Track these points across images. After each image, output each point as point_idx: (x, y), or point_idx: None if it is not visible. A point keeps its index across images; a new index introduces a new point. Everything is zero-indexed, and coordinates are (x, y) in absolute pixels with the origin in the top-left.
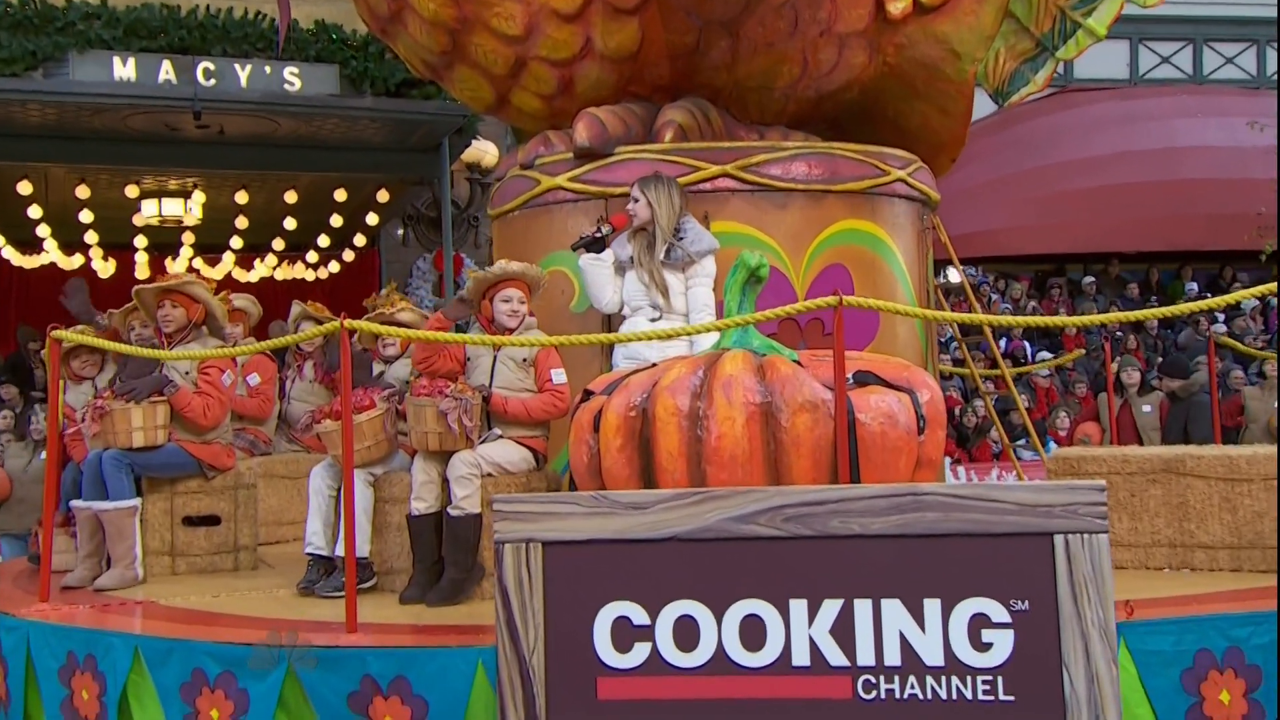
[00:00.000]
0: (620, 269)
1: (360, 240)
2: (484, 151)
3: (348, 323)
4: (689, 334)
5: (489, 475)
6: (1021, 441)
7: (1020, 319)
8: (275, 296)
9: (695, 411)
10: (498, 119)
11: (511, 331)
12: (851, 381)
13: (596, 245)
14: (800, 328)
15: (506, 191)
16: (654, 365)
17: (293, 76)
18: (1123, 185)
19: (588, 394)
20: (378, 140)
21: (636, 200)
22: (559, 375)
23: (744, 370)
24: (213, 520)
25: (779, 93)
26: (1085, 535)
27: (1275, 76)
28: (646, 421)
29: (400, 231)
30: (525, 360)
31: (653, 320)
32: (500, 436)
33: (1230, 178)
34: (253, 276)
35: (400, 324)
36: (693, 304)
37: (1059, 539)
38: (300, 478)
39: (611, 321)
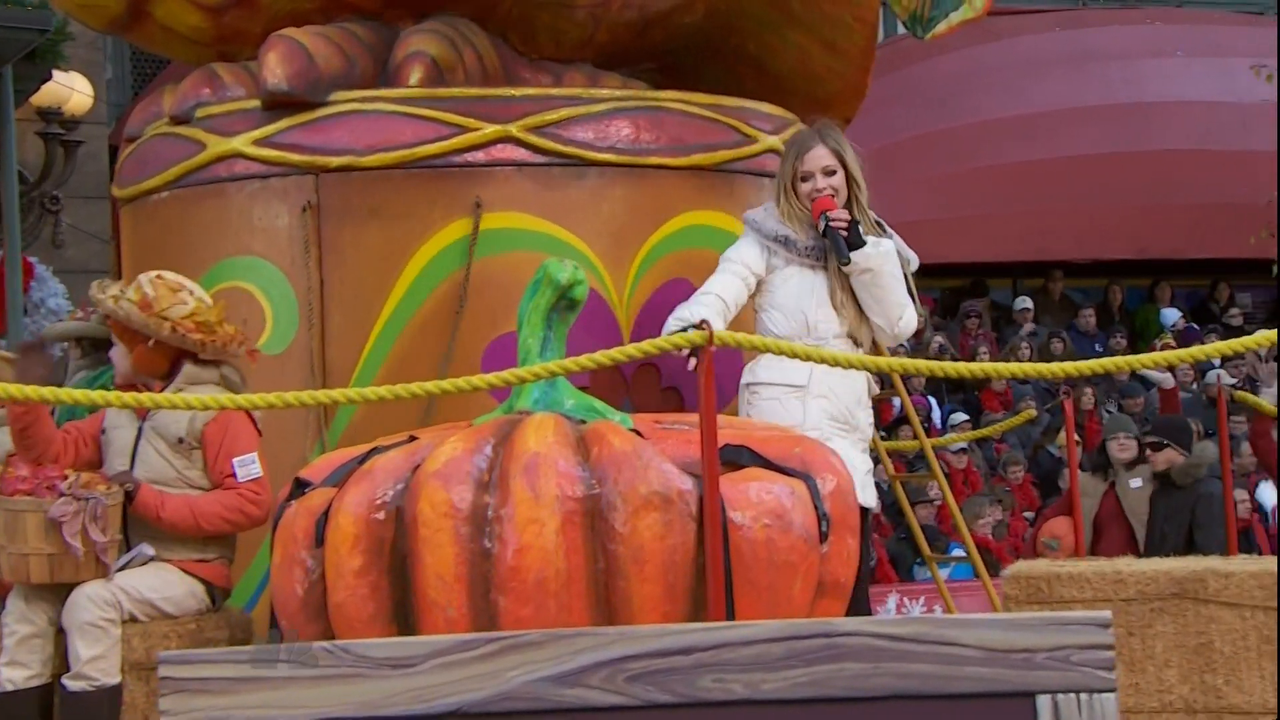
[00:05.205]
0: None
1: None
2: (70, 91)
3: None
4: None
5: (134, 620)
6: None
7: (1001, 365)
8: None
9: (481, 511)
10: (129, 41)
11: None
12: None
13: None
14: (625, 379)
15: (146, 159)
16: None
17: None
18: (1069, 159)
19: (301, 486)
20: None
21: (833, 173)
22: (248, 464)
23: (556, 445)
24: None
25: (583, 11)
26: (1083, 695)
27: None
28: (403, 529)
29: None
30: (184, 440)
31: None
32: (153, 558)
33: (1226, 148)
34: None
35: None
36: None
37: (1044, 701)
38: None
39: (327, 366)
